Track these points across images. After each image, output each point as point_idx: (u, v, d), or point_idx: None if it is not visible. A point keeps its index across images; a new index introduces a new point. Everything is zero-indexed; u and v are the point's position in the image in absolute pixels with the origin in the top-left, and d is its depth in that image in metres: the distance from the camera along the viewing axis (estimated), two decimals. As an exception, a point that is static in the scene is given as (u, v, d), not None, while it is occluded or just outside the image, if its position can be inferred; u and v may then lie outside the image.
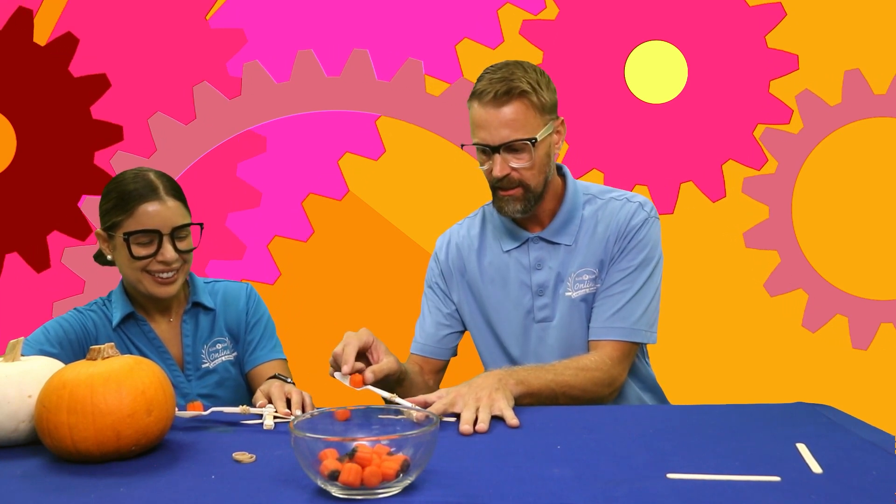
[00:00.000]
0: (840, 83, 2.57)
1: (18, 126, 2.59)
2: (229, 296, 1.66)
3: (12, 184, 2.60)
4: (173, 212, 1.51)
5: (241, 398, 1.65)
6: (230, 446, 1.14)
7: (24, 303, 2.59)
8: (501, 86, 1.49)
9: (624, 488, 0.93)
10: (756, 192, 2.60)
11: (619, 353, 1.53)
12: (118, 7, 2.58)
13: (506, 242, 1.65)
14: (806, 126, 2.58)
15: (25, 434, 1.18)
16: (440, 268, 1.72)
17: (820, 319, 2.61)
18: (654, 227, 1.60)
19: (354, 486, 0.90)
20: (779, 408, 1.31)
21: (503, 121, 1.50)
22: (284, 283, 2.63)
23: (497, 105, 1.50)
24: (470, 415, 1.22)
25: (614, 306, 1.55)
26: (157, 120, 2.59)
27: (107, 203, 1.53)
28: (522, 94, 1.50)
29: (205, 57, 2.59)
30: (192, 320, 1.62)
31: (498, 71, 1.52)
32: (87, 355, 1.16)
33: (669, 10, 2.58)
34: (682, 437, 1.15)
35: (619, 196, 1.63)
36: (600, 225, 1.60)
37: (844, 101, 2.57)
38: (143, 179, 1.52)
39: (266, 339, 1.66)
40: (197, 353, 1.61)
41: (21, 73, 2.58)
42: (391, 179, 2.63)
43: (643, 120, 2.60)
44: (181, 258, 1.52)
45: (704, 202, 2.60)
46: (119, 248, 1.52)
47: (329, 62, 2.60)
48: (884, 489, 0.92)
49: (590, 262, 1.59)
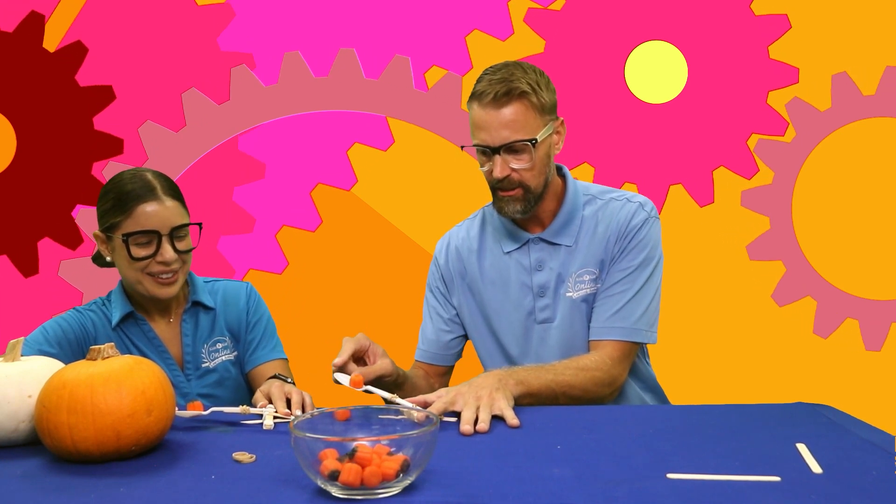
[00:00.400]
0: (829, 88, 2.57)
1: (20, 129, 2.59)
2: (229, 295, 1.66)
3: (8, 187, 2.60)
4: (172, 212, 1.50)
5: (241, 398, 1.64)
6: (230, 446, 1.14)
7: (13, 307, 2.59)
8: (501, 87, 1.49)
9: (624, 488, 0.93)
10: (755, 204, 2.60)
11: (619, 353, 1.53)
12: (130, 19, 2.57)
13: (506, 244, 1.65)
14: (798, 134, 2.58)
15: (25, 434, 1.17)
16: (440, 272, 1.72)
17: (831, 325, 2.61)
18: (655, 227, 1.60)
19: (354, 486, 0.90)
20: (779, 408, 1.31)
21: (503, 122, 1.50)
22: (291, 272, 2.63)
23: (497, 106, 1.50)
24: (470, 415, 1.22)
25: (615, 306, 1.55)
26: (148, 128, 2.59)
27: (105, 204, 1.52)
28: (522, 94, 1.50)
29: (212, 74, 2.59)
30: (192, 320, 1.61)
31: (497, 72, 1.52)
32: (87, 355, 1.16)
33: (669, 10, 2.58)
34: (682, 437, 1.15)
35: (619, 196, 1.63)
36: (601, 225, 1.60)
37: (834, 106, 2.57)
38: (141, 179, 1.51)
39: (267, 338, 1.66)
40: (197, 353, 1.60)
41: (28, 77, 2.58)
42: (399, 171, 2.62)
43: (639, 119, 2.60)
44: (180, 258, 1.52)
45: (692, 206, 2.60)
46: (118, 250, 1.51)
47: (317, 63, 2.61)
48: (884, 489, 0.92)
49: (590, 263, 1.59)
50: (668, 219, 2.60)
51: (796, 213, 2.60)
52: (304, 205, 2.63)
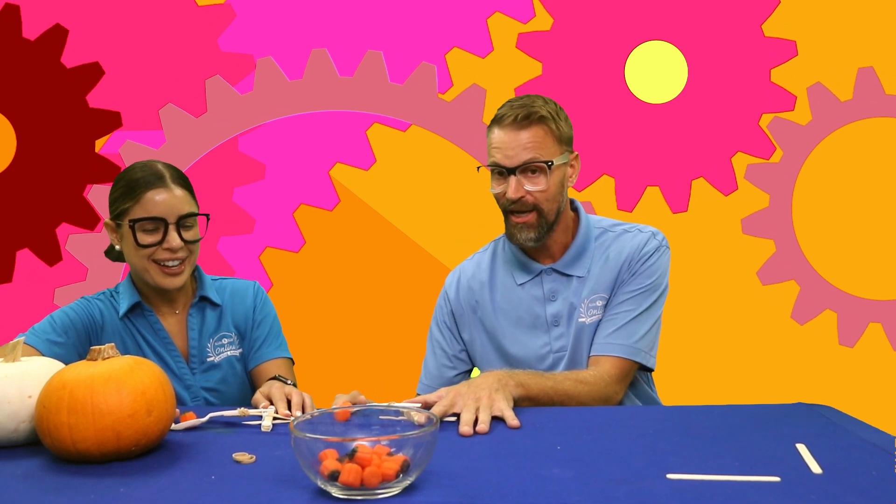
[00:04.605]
0: (853, 80, 2.57)
1: (17, 123, 2.59)
2: (237, 292, 1.67)
3: (16, 181, 2.60)
4: (180, 200, 1.52)
5: (245, 394, 1.65)
6: (230, 447, 1.14)
7: (39, 298, 2.59)
8: (522, 111, 1.53)
9: (624, 488, 0.93)
10: (758, 181, 2.60)
11: (618, 371, 1.52)
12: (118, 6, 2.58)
13: (519, 276, 1.65)
14: (815, 118, 2.58)
15: (25, 434, 1.18)
16: (450, 307, 1.72)
17: (809, 313, 2.61)
18: (665, 257, 1.61)
19: (354, 486, 0.90)
20: (778, 408, 1.31)
21: (522, 143, 1.53)
22: (276, 293, 2.62)
23: (517, 128, 1.53)
24: (470, 416, 1.22)
25: (617, 324, 1.56)
26: (168, 111, 2.58)
27: (115, 192, 1.55)
28: (542, 119, 1.54)
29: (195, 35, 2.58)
30: (199, 314, 1.62)
31: (519, 100, 1.57)
32: (87, 356, 1.16)
33: (669, 10, 2.58)
34: (682, 437, 1.15)
35: (630, 228, 1.65)
36: (612, 253, 1.61)
37: (855, 98, 2.58)
38: (151, 168, 1.54)
39: (272, 337, 1.67)
40: (202, 347, 1.61)
41: (13, 69, 2.58)
42: (383, 188, 2.62)
43: (647, 121, 2.60)
44: (187, 248, 1.53)
45: (717, 197, 2.60)
46: (126, 237, 1.53)
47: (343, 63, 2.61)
48: (884, 489, 0.92)
49: (602, 288, 1.59)
50: (649, 218, 2.60)
51: (797, 196, 2.60)
52: (288, 226, 2.62)
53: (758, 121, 2.58)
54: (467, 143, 2.60)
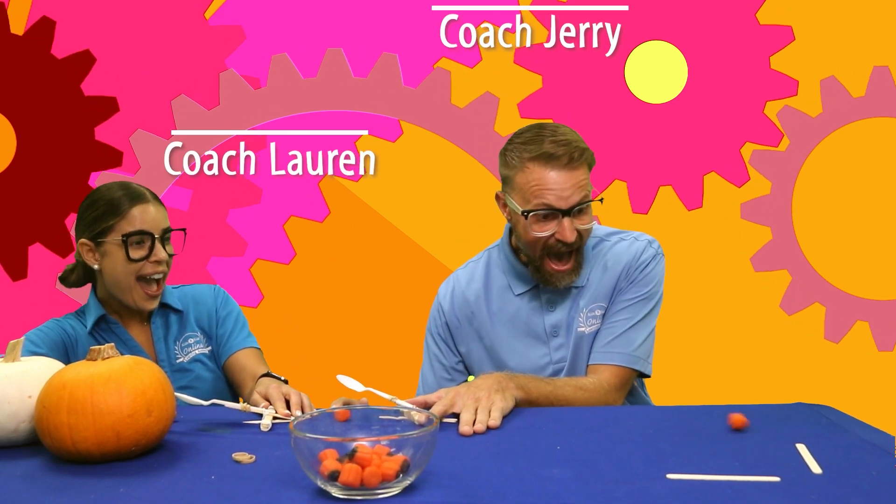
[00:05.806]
0: (818, 93, 2.57)
1: (15, 119, 2.59)
2: (198, 296, 1.70)
3: (20, 177, 2.59)
4: (162, 214, 1.59)
5: (221, 390, 1.67)
6: (230, 446, 1.14)
7: (55, 291, 2.54)
8: (574, 149, 1.46)
9: (624, 488, 0.93)
10: (762, 167, 2.59)
11: (617, 380, 1.52)
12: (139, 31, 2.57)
13: (516, 286, 1.62)
14: (825, 111, 2.57)
15: (25, 434, 1.18)
16: (445, 318, 1.67)
17: (798, 304, 2.61)
18: (661, 265, 1.61)
19: (354, 486, 0.90)
20: (779, 408, 1.31)
21: (576, 184, 1.47)
22: (267, 305, 2.62)
23: (571, 168, 1.47)
24: (469, 416, 1.22)
25: (616, 332, 1.55)
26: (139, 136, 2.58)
27: (94, 211, 1.56)
28: (583, 154, 1.49)
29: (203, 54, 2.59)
30: (162, 321, 1.65)
31: (556, 133, 1.49)
32: (87, 356, 1.16)
33: (669, 11, 2.58)
34: (682, 437, 1.15)
35: (626, 236, 1.63)
36: (610, 262, 1.60)
37: (826, 111, 2.57)
38: (129, 187, 1.58)
39: (238, 329, 1.69)
40: (170, 350, 1.64)
41: (5, 66, 2.57)
42: (373, 198, 2.61)
43: (652, 122, 2.59)
44: (166, 263, 1.58)
45: (732, 191, 2.59)
46: (111, 254, 1.55)
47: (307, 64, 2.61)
48: (884, 489, 0.92)
49: (600, 297, 1.59)
50: (666, 218, 2.60)
51: (797, 222, 2.60)
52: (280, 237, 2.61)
53: (762, 109, 2.57)
54: (477, 150, 2.60)
